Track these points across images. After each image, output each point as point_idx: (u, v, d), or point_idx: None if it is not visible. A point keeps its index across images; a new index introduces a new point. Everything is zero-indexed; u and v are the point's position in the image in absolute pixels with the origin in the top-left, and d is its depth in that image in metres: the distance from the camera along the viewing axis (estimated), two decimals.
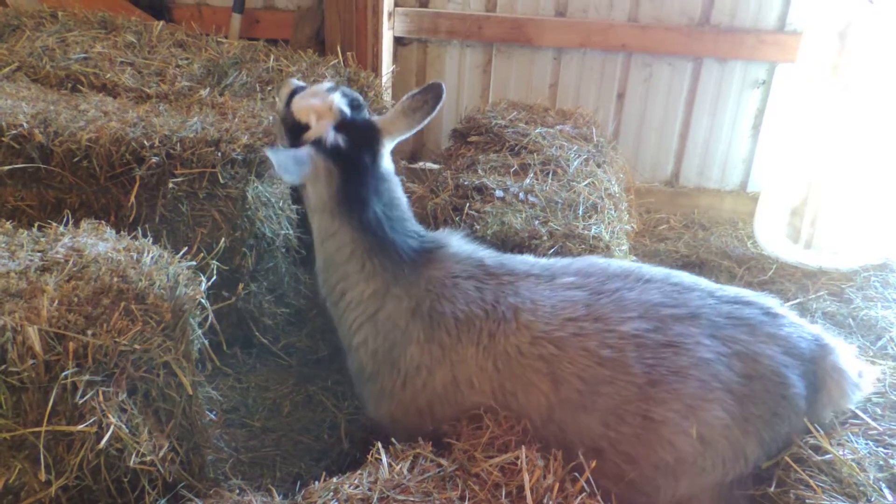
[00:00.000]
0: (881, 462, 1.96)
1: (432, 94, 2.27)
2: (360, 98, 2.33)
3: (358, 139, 2.20)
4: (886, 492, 1.87)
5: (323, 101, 2.23)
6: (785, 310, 2.17)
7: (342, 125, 2.20)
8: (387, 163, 2.29)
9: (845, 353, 2.14)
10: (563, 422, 2.01)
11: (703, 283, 2.20)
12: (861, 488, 1.87)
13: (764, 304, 2.15)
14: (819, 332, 2.17)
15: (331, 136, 2.16)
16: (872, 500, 1.84)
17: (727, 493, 2.07)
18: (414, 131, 2.31)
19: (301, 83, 2.40)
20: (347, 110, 2.23)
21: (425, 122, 2.29)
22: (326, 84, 2.32)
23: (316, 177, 2.14)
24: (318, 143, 2.16)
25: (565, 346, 2.02)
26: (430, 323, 2.14)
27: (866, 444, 2.03)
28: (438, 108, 2.29)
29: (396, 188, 2.30)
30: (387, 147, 2.28)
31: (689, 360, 1.96)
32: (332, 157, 2.15)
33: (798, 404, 2.04)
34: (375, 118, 2.32)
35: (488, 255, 2.31)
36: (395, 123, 2.28)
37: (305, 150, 2.13)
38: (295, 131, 2.23)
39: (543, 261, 2.33)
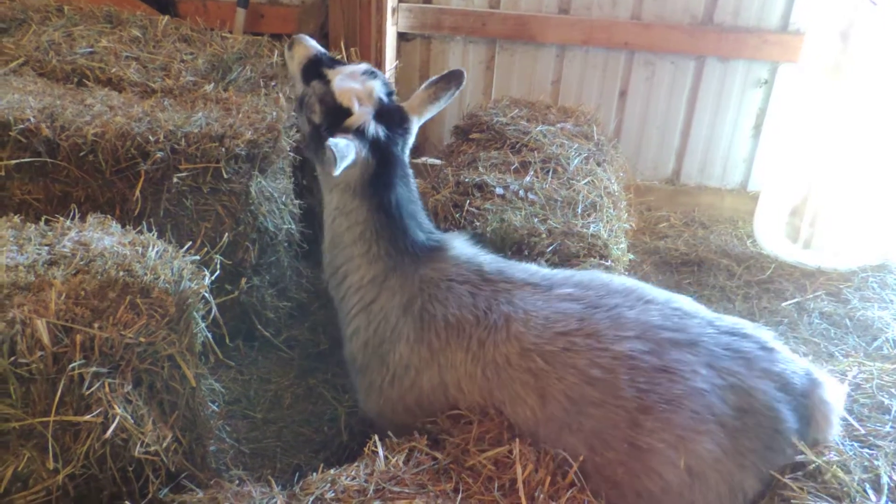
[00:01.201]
0: (866, 463, 1.99)
1: (455, 82, 2.40)
2: (392, 86, 2.40)
3: (393, 128, 2.27)
4: (870, 493, 1.90)
5: (363, 86, 2.26)
6: (779, 344, 2.14)
7: (380, 114, 2.25)
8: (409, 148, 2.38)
9: (832, 387, 2.10)
10: (549, 439, 1.97)
11: (703, 310, 2.15)
12: (845, 489, 1.91)
13: (760, 337, 2.11)
14: (809, 366, 2.14)
15: (372, 127, 2.20)
16: (856, 501, 1.87)
17: None
18: (434, 114, 2.44)
19: (319, 47, 2.41)
20: (385, 98, 2.29)
21: (444, 105, 2.43)
22: (362, 66, 2.33)
23: (353, 164, 2.15)
24: (359, 133, 2.19)
25: (554, 361, 1.97)
26: (421, 323, 2.15)
27: (852, 445, 2.06)
28: (458, 92, 2.42)
29: (412, 177, 2.37)
30: (414, 134, 2.37)
31: (683, 388, 1.90)
32: (371, 147, 2.20)
33: (790, 438, 2.00)
34: (404, 105, 2.37)
35: (489, 260, 2.30)
36: (421, 109, 2.38)
37: (353, 142, 2.14)
38: (335, 114, 2.22)
39: (545, 270, 2.31)
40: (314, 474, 1.95)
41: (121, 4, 4.35)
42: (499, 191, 3.01)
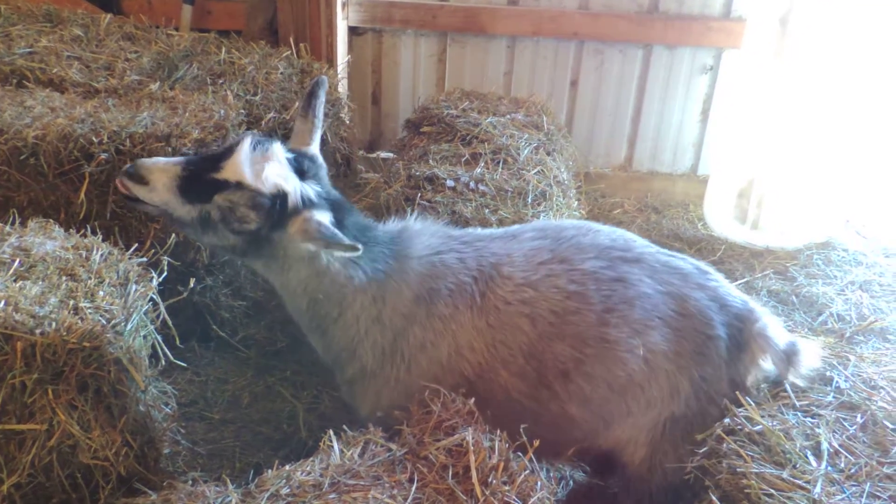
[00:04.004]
0: (808, 431, 2.08)
1: (318, 89, 2.31)
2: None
3: (316, 175, 2.21)
4: (811, 458, 1.98)
5: (272, 159, 2.09)
6: (717, 273, 2.43)
7: (298, 172, 2.15)
8: None
9: (773, 324, 2.32)
10: (541, 352, 2.23)
11: (641, 238, 2.48)
12: (788, 456, 1.99)
13: (697, 263, 2.41)
14: (753, 303, 2.37)
15: (308, 189, 2.12)
16: (797, 466, 1.95)
17: (659, 436, 2.29)
18: (322, 131, 2.37)
19: (171, 158, 2.18)
20: (291, 155, 2.18)
21: (322, 116, 2.34)
22: (245, 139, 2.10)
23: None
24: (307, 203, 2.11)
25: (540, 286, 2.25)
26: (430, 300, 2.26)
27: (795, 414, 2.15)
28: (324, 93, 2.34)
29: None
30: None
31: (634, 292, 2.24)
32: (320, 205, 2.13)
33: (720, 347, 2.26)
34: (299, 148, 2.27)
35: (450, 228, 2.49)
36: (310, 139, 2.29)
37: (319, 216, 2.08)
38: (275, 207, 2.07)
39: (499, 228, 2.57)
40: (269, 471, 1.94)
41: (61, 3, 4.24)
42: (449, 183, 3.02)
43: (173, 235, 2.88)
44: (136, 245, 2.54)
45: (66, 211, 2.93)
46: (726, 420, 2.16)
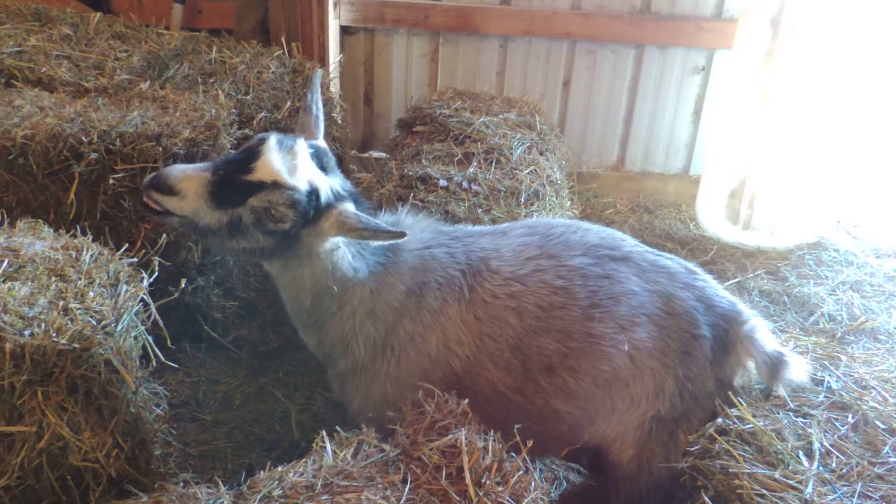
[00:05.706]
0: (800, 431, 2.08)
1: (313, 82, 2.36)
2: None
3: (333, 168, 2.22)
4: (803, 459, 1.99)
5: (302, 157, 2.07)
6: (705, 274, 2.46)
7: (321, 168, 2.14)
8: None
9: (762, 328, 2.31)
10: (527, 346, 2.26)
11: (631, 238, 2.51)
12: (780, 456, 1.99)
13: (686, 263, 2.44)
14: (736, 300, 2.40)
15: (336, 183, 2.14)
16: (790, 467, 1.96)
17: (646, 435, 2.30)
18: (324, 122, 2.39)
19: (198, 164, 2.09)
20: (312, 150, 2.15)
21: (321, 105, 2.35)
22: (270, 138, 2.06)
23: None
24: (337, 197, 2.11)
25: (527, 281, 2.28)
26: (420, 294, 2.28)
27: (786, 414, 2.15)
28: (318, 87, 2.38)
29: None
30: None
31: (620, 289, 2.27)
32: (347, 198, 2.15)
33: (706, 347, 2.28)
34: (314, 142, 2.24)
35: (439, 223, 2.52)
36: (317, 129, 2.30)
37: (351, 208, 2.10)
38: (310, 205, 2.04)
39: (489, 226, 2.59)
40: (262, 472, 1.93)
41: (50, 1, 4.21)
42: (442, 183, 3.02)
43: (164, 235, 2.86)
44: (127, 245, 2.52)
45: (56, 211, 2.91)
46: (719, 420, 2.16)
